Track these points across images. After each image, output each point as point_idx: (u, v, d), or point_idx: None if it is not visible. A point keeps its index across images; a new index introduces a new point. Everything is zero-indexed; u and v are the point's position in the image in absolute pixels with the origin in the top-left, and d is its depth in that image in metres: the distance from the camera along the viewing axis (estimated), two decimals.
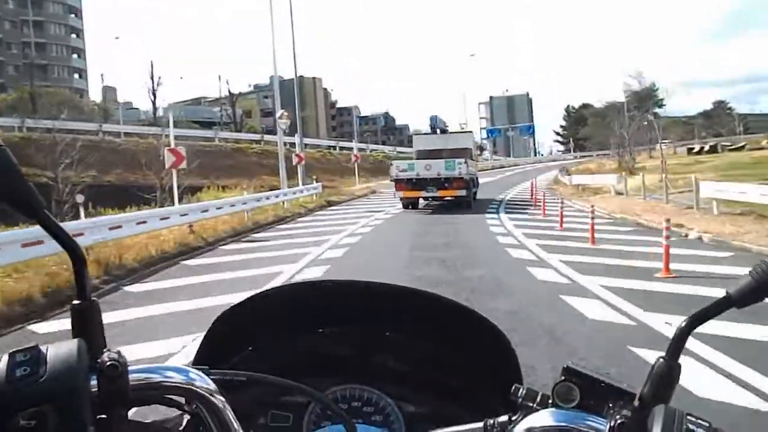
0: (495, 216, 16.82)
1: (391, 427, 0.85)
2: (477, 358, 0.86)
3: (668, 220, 8.32)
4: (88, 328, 0.58)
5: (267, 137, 45.12)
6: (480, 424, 0.67)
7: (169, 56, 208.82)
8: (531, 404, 0.62)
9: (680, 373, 0.58)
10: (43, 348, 0.53)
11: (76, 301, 0.59)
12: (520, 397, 0.63)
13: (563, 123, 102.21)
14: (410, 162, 20.64)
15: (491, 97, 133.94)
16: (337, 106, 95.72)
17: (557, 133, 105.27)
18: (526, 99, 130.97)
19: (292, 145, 33.34)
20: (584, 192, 25.50)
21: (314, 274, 8.66)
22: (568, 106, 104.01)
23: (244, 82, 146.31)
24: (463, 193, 19.53)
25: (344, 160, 44.33)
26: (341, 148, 52.80)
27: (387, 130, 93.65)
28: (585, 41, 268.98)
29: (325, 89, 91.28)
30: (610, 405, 0.58)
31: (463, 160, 19.29)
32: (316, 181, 26.95)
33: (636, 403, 0.57)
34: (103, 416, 0.54)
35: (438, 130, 24.13)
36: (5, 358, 0.52)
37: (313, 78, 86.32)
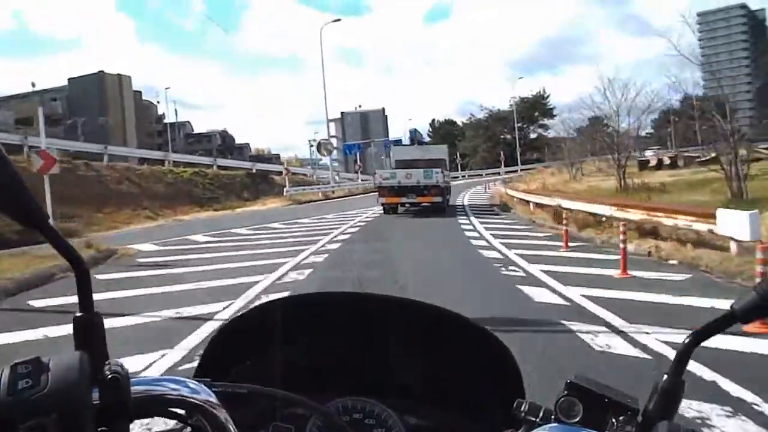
0: None
1: None
2: (479, 371, 0.86)
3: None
4: (90, 340, 0.58)
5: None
6: None
7: None
8: (534, 419, 0.63)
9: (684, 390, 0.58)
10: (44, 360, 0.53)
11: (78, 313, 0.58)
12: (523, 412, 0.63)
13: (427, 139, 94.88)
14: (392, 171, 22.85)
15: (343, 114, 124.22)
16: (165, 121, 78.03)
17: None
18: (381, 115, 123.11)
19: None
20: None
21: None
22: (433, 121, 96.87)
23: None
24: (438, 199, 21.63)
25: (117, 179, 29.25)
26: (154, 161, 38.91)
27: (225, 148, 78.17)
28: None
29: (139, 92, 72.75)
30: (614, 420, 0.58)
31: (439, 170, 21.77)
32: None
33: (639, 418, 0.58)
34: (105, 429, 0.54)
35: (416, 143, 30.26)
36: (7, 370, 0.52)
37: (119, 75, 67.51)
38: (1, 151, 0.55)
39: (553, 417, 0.61)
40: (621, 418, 0.58)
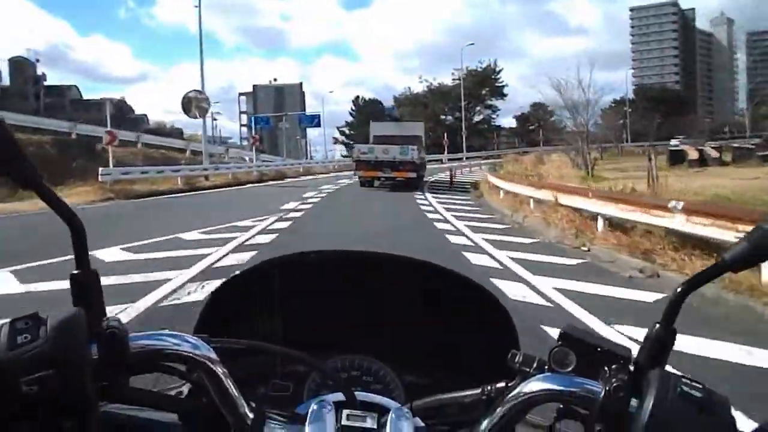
0: None
1: (391, 395, 0.83)
2: (475, 326, 0.87)
3: None
4: (87, 296, 0.58)
5: None
6: (478, 390, 0.70)
7: None
8: (528, 370, 0.63)
9: (675, 338, 0.59)
10: (43, 316, 0.53)
11: (75, 271, 0.59)
12: (517, 363, 0.64)
13: (349, 119, 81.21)
14: (370, 146, 23.38)
15: (255, 87, 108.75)
16: (46, 83, 59.91)
17: (342, 132, 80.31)
18: (297, 89, 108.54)
19: None
20: None
21: None
22: (357, 98, 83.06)
23: None
24: (413, 175, 22.38)
25: None
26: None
27: (122, 119, 61.00)
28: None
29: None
30: (606, 369, 0.59)
31: (415, 147, 22.33)
32: None
33: (631, 367, 0.59)
34: (105, 383, 0.55)
35: (392, 119, 30.14)
36: (6, 325, 0.52)
37: None
38: None
39: (546, 367, 0.62)
40: (614, 366, 0.59)
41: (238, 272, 0.89)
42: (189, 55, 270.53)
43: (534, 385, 0.60)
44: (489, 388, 0.69)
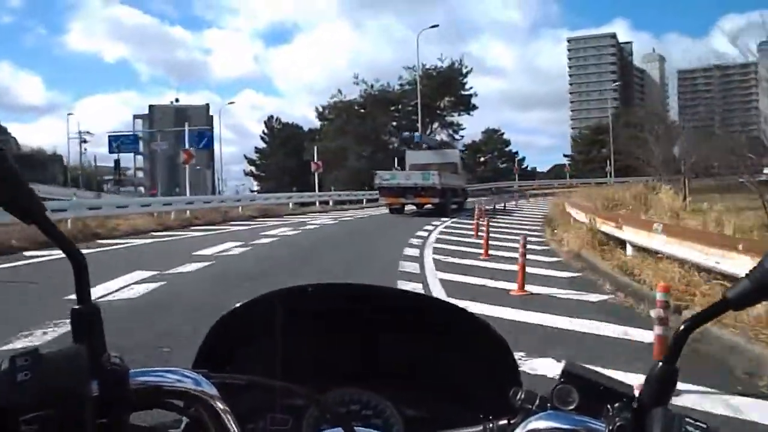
0: None
1: (390, 430, 0.84)
2: (475, 360, 0.87)
3: None
4: (88, 332, 0.58)
5: None
6: (479, 427, 0.69)
7: None
8: (530, 407, 0.63)
9: (678, 377, 0.58)
10: (44, 352, 0.52)
11: (76, 306, 0.59)
12: (519, 400, 0.64)
13: (262, 144, 64.57)
14: (392, 173, 24.50)
15: (152, 107, 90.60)
16: None
17: (252, 161, 64.65)
18: (203, 111, 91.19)
19: None
20: None
21: None
22: (270, 118, 66.00)
23: None
24: (436, 200, 21.94)
25: None
26: None
27: None
28: None
29: None
30: (609, 407, 0.59)
31: (436, 172, 22.21)
32: None
33: (635, 405, 0.58)
34: (104, 420, 0.55)
35: (427, 146, 30.22)
36: (6, 362, 0.51)
37: None
38: (2, 147, 0.53)
39: (549, 405, 0.61)
40: (616, 405, 0.59)
41: (237, 305, 0.88)
42: (101, 86, 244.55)
43: (537, 424, 0.60)
44: (491, 425, 0.68)
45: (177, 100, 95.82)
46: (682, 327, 0.58)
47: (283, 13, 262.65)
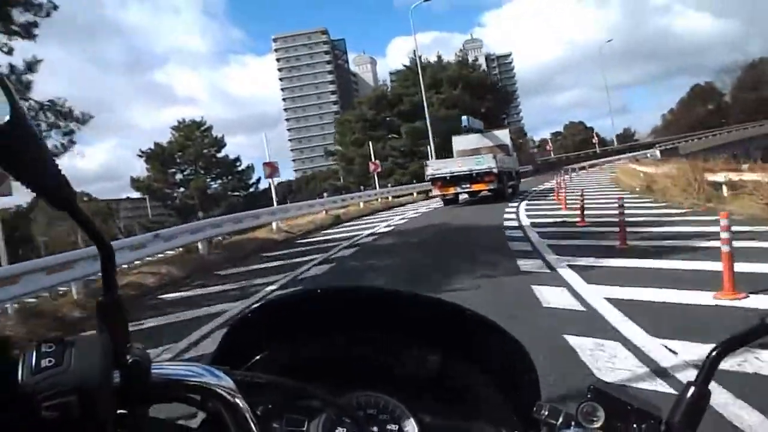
0: None
1: None
2: (497, 371, 0.84)
3: None
4: (113, 323, 0.57)
5: None
6: None
7: None
8: (554, 422, 0.62)
9: (709, 400, 0.57)
10: (68, 340, 0.53)
11: (102, 296, 0.58)
12: (543, 415, 0.63)
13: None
14: (443, 161, 22.93)
15: None
16: None
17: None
18: None
19: None
20: None
21: None
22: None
23: None
24: (494, 186, 20.96)
25: None
26: None
27: None
28: None
29: None
30: (635, 428, 0.58)
31: (491, 155, 21.12)
32: None
33: (662, 427, 0.57)
34: (124, 411, 0.55)
35: (473, 131, 26.37)
36: (32, 348, 0.52)
37: None
38: (35, 131, 0.52)
39: (573, 422, 0.61)
40: (643, 426, 0.58)
41: (256, 305, 0.85)
42: None
43: None
44: None
45: None
46: (714, 353, 0.57)
47: None
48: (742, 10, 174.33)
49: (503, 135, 25.83)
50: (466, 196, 22.33)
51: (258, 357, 0.86)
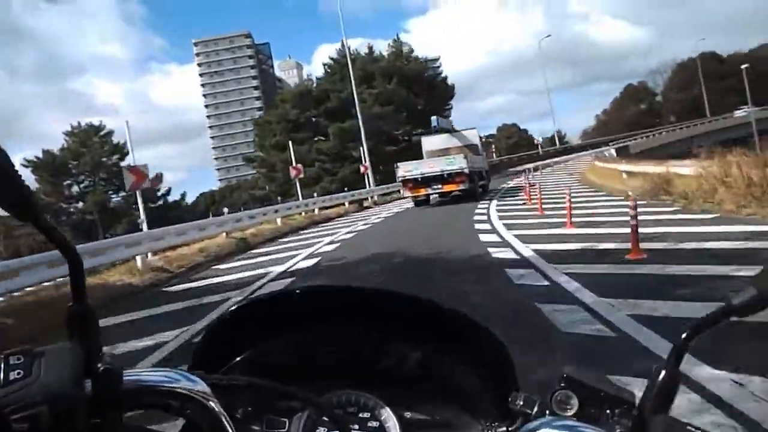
0: None
1: None
2: (473, 364, 0.84)
3: None
4: (83, 331, 0.56)
5: None
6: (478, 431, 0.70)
7: None
8: (529, 412, 0.63)
9: (680, 384, 0.57)
10: (37, 351, 0.52)
11: (71, 304, 0.57)
12: (518, 405, 0.64)
13: None
14: (414, 162, 22.06)
15: None
16: None
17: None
18: None
19: None
20: None
21: None
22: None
23: None
24: (465, 186, 20.76)
25: None
26: None
27: None
28: None
29: None
30: (609, 414, 0.59)
31: (462, 155, 21.07)
32: None
33: (635, 412, 0.57)
34: (97, 420, 0.54)
35: (443, 131, 25.99)
36: None
37: None
38: None
39: (548, 410, 0.61)
40: (617, 411, 0.58)
41: (232, 308, 0.83)
42: None
43: (535, 428, 0.59)
44: (490, 430, 0.69)
45: None
46: (684, 334, 0.57)
47: None
48: (657, 18, 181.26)
49: (472, 135, 25.76)
50: (437, 196, 22.18)
51: (237, 359, 0.85)
